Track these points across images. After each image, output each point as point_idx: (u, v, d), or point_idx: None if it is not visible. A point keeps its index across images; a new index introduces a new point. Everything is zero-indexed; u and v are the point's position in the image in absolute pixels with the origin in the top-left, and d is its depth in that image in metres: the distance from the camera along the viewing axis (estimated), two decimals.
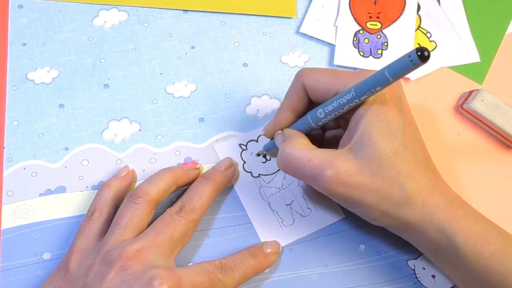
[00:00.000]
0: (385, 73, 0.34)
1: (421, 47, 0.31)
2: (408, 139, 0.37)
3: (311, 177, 0.38)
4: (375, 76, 0.35)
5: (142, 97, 0.48)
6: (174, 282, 0.35)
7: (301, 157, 0.38)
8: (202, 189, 0.42)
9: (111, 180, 0.43)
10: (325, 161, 0.37)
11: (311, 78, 0.40)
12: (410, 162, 0.37)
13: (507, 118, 0.47)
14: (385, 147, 0.36)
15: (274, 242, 0.43)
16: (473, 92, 0.48)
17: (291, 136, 0.40)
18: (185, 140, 0.47)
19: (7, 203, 0.43)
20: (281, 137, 0.42)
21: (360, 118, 0.37)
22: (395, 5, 0.53)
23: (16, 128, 0.46)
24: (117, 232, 0.39)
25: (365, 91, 0.36)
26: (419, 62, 0.31)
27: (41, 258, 0.42)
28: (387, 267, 0.43)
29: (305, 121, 0.41)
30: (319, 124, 0.40)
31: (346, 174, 0.36)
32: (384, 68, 0.34)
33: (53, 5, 0.51)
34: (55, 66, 0.49)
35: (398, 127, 0.37)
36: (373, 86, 0.35)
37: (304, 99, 0.41)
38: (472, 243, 0.36)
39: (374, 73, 0.35)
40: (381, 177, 0.36)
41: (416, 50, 0.31)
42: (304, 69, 0.41)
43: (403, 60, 0.32)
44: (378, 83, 0.35)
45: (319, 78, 0.40)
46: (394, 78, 0.34)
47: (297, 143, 0.39)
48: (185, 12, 0.52)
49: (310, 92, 0.40)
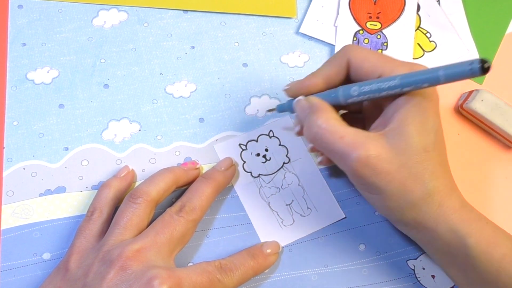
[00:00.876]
0: (439, 74, 0.33)
1: (485, 59, 0.30)
2: (438, 139, 0.38)
3: (340, 154, 0.37)
4: (427, 72, 0.34)
5: (142, 97, 0.48)
6: (174, 282, 0.35)
7: (334, 132, 0.37)
8: (202, 189, 0.42)
9: (111, 180, 0.43)
10: (358, 141, 0.36)
11: (359, 55, 0.39)
12: (436, 161, 0.37)
13: (507, 118, 0.47)
14: (419, 142, 0.36)
15: (273, 243, 0.43)
16: (473, 92, 0.48)
17: (321, 108, 0.39)
18: (185, 140, 0.47)
19: (7, 203, 0.43)
20: (304, 105, 0.40)
21: (400, 106, 0.37)
22: (395, 5, 0.53)
23: (16, 128, 0.46)
24: (117, 232, 0.39)
25: (412, 83, 0.35)
26: (479, 73, 0.31)
27: (41, 258, 0.42)
28: (387, 267, 0.43)
29: (335, 94, 0.39)
30: (347, 102, 0.39)
31: (376, 158, 0.36)
32: (439, 68, 0.34)
33: (53, 5, 0.51)
34: (55, 66, 0.49)
35: (433, 125, 0.37)
36: (422, 82, 0.35)
37: (343, 73, 0.40)
38: (484, 245, 0.36)
39: (426, 69, 0.35)
40: (408, 169, 0.36)
41: (480, 60, 0.31)
42: (352, 45, 0.40)
43: (463, 66, 0.32)
44: (428, 81, 0.34)
45: (367, 57, 0.39)
46: (447, 80, 0.33)
47: (330, 116, 0.38)
48: (185, 12, 0.52)
49: (354, 69, 0.39)
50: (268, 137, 0.47)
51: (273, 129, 0.47)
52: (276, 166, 0.46)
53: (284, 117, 0.48)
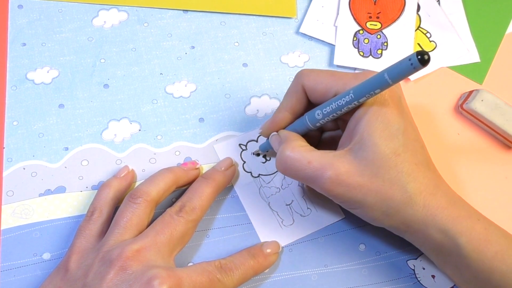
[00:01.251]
0: (385, 76, 0.34)
1: (422, 51, 0.31)
2: (408, 140, 0.37)
3: (312, 179, 0.38)
4: (375, 78, 0.35)
5: (142, 97, 0.48)
6: (173, 282, 0.35)
7: (300, 159, 0.38)
8: (202, 189, 0.42)
9: (111, 180, 0.43)
10: (325, 162, 0.37)
11: (310, 79, 0.40)
12: (411, 162, 0.37)
13: (507, 118, 0.47)
14: (385, 148, 0.36)
15: (273, 242, 0.43)
16: (473, 92, 0.48)
17: (289, 138, 0.40)
18: (185, 140, 0.47)
19: (7, 203, 0.43)
20: (276, 139, 0.42)
21: (359, 119, 0.37)
22: (395, 5, 0.53)
23: (16, 128, 0.46)
24: (116, 232, 0.39)
25: (364, 93, 0.36)
26: (419, 66, 0.31)
27: (41, 258, 0.42)
28: (387, 267, 0.43)
29: (302, 122, 0.41)
30: (316, 125, 0.40)
31: (346, 175, 0.36)
32: (384, 70, 0.34)
33: (53, 5, 0.51)
34: (55, 66, 0.49)
35: (398, 127, 0.37)
36: (373, 88, 0.35)
37: (303, 100, 0.41)
38: (475, 243, 0.36)
39: (373, 76, 0.35)
40: (382, 177, 0.36)
41: (416, 54, 0.31)
42: (304, 70, 0.41)
43: (403, 63, 0.32)
44: (378, 86, 0.35)
45: (318, 78, 0.40)
46: (394, 81, 0.34)
47: (296, 145, 0.39)
48: (185, 12, 0.52)
49: (309, 93, 0.40)
50: None
51: None
52: None
53: None
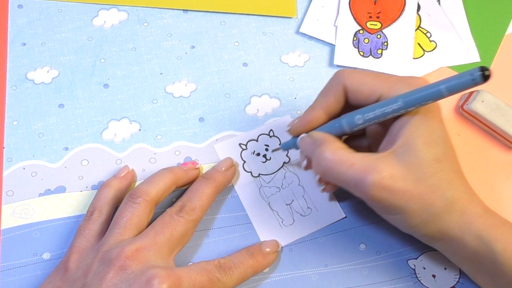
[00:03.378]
0: (442, 88, 0.33)
1: (484, 66, 0.31)
2: (448, 148, 0.37)
3: (354, 182, 0.36)
4: (429, 89, 0.34)
5: (142, 97, 0.48)
6: (173, 281, 0.35)
7: (343, 161, 0.37)
8: (202, 189, 0.42)
9: (111, 180, 0.43)
10: (368, 165, 0.36)
11: (354, 80, 0.39)
12: (450, 170, 0.37)
13: (508, 119, 0.47)
14: (429, 154, 0.36)
15: (273, 241, 0.43)
16: (473, 93, 0.48)
17: (326, 140, 0.38)
18: (185, 140, 0.47)
19: (7, 203, 0.43)
20: (308, 141, 0.40)
21: (404, 123, 0.37)
22: (395, 5, 0.53)
23: (16, 128, 0.46)
24: (116, 232, 0.39)
25: (416, 103, 0.35)
26: (481, 82, 0.31)
27: (41, 258, 0.42)
28: (387, 267, 0.43)
29: (339, 125, 0.39)
30: (353, 130, 0.39)
31: (390, 179, 0.35)
32: (441, 82, 0.33)
33: (53, 5, 0.51)
34: (55, 66, 0.49)
35: (440, 135, 0.37)
36: (426, 99, 0.34)
37: (341, 100, 0.40)
38: (511, 250, 0.36)
39: (427, 86, 0.34)
40: (424, 183, 0.36)
41: (479, 69, 0.31)
42: (346, 70, 0.40)
43: (464, 78, 0.32)
44: (431, 97, 0.34)
45: (362, 80, 0.39)
46: (450, 93, 0.33)
47: (336, 147, 0.38)
48: (185, 12, 0.52)
49: (351, 94, 0.39)
50: (268, 137, 0.47)
51: (273, 128, 0.47)
52: (276, 165, 0.46)
53: (284, 117, 0.48)
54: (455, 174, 0.37)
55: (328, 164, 0.37)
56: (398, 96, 0.36)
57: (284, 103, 0.49)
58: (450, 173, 0.37)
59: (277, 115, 0.48)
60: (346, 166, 0.36)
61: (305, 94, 0.49)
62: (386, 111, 0.36)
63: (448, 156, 0.37)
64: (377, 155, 0.37)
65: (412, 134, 0.36)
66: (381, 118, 0.37)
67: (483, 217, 0.37)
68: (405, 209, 0.36)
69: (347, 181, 0.37)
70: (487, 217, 0.37)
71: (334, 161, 0.37)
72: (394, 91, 0.37)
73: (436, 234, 0.38)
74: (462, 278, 0.43)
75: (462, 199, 0.37)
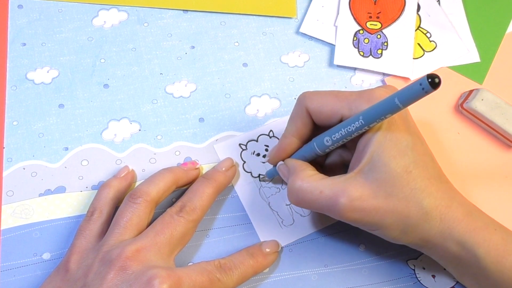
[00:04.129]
0: (395, 101, 0.33)
1: (432, 74, 0.31)
2: (418, 155, 0.37)
3: (326, 208, 0.37)
4: (385, 103, 0.34)
5: (142, 97, 0.48)
6: (173, 281, 0.35)
7: (312, 190, 0.37)
8: (202, 190, 0.42)
9: (111, 180, 0.43)
10: (337, 189, 0.36)
11: (314, 102, 0.39)
12: (423, 177, 0.36)
13: (507, 117, 0.47)
14: (396, 166, 0.36)
15: (273, 242, 0.43)
16: (473, 91, 0.48)
17: (297, 169, 0.39)
18: (185, 140, 0.47)
19: (7, 203, 0.43)
20: (284, 169, 0.41)
21: (368, 140, 0.37)
22: (395, 5, 0.53)
23: (16, 128, 0.46)
24: (116, 232, 0.39)
25: (375, 118, 0.35)
26: (430, 89, 0.31)
27: (41, 258, 0.42)
28: (387, 267, 0.43)
29: (311, 148, 0.40)
30: (325, 151, 0.39)
31: (360, 200, 0.36)
32: (394, 95, 0.34)
33: (53, 5, 0.51)
34: (55, 66, 0.49)
35: (407, 144, 0.37)
36: (383, 113, 0.35)
37: (309, 123, 0.40)
38: (493, 254, 0.36)
39: (382, 101, 0.35)
40: (396, 196, 0.36)
41: (427, 77, 0.31)
42: (306, 93, 0.40)
43: (414, 88, 0.32)
44: (388, 111, 0.34)
45: (322, 101, 0.39)
46: (404, 105, 0.33)
47: (305, 175, 0.38)
48: (185, 12, 0.52)
49: (315, 116, 0.40)
50: (268, 137, 0.47)
51: (273, 129, 0.47)
52: None
53: (284, 117, 0.48)
54: (429, 180, 0.37)
55: (299, 194, 0.38)
56: (359, 114, 0.36)
57: (284, 103, 0.49)
58: (423, 181, 0.36)
59: (277, 115, 0.48)
60: (316, 194, 0.37)
61: None
62: (350, 129, 0.37)
63: (419, 164, 0.37)
64: (345, 177, 0.37)
65: (377, 150, 0.36)
66: (348, 137, 0.37)
67: (464, 221, 0.36)
68: (382, 224, 0.37)
69: (319, 207, 0.38)
70: (468, 221, 0.37)
71: (304, 191, 0.38)
72: (354, 109, 0.37)
73: (419, 242, 0.38)
74: None
75: (439, 206, 0.36)
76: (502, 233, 0.37)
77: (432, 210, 0.36)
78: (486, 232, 0.36)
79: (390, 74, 0.50)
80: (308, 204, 0.38)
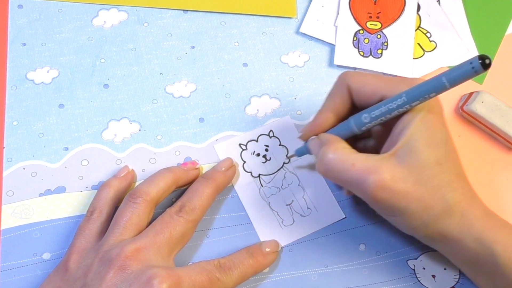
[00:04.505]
0: (443, 79, 0.33)
1: (483, 55, 0.30)
2: (450, 150, 0.37)
3: (355, 182, 0.37)
4: (431, 82, 0.34)
5: (142, 97, 0.48)
6: (173, 281, 0.35)
7: (344, 160, 0.37)
8: (202, 189, 0.42)
9: (111, 180, 0.43)
10: (370, 165, 0.36)
11: (357, 80, 0.39)
12: (451, 172, 0.37)
13: (508, 119, 0.47)
14: (430, 156, 0.36)
15: (272, 241, 0.43)
16: (473, 93, 0.48)
17: (331, 140, 0.39)
18: (185, 140, 0.47)
19: (7, 203, 0.43)
20: (316, 142, 0.40)
21: (406, 124, 0.37)
22: (395, 5, 0.53)
23: (16, 128, 0.46)
24: (116, 232, 0.39)
25: (419, 96, 0.35)
26: (481, 70, 0.31)
27: (41, 258, 0.42)
28: (387, 267, 0.43)
29: (347, 126, 0.40)
30: (362, 130, 0.39)
31: (391, 180, 0.36)
32: (442, 74, 0.33)
33: (53, 5, 0.51)
34: (55, 66, 0.49)
35: (442, 137, 0.37)
36: (428, 92, 0.34)
37: (348, 101, 0.40)
38: (511, 252, 0.36)
39: (429, 79, 0.35)
40: (425, 185, 0.36)
41: (478, 57, 0.31)
42: (349, 72, 0.40)
43: (464, 67, 0.32)
44: (434, 90, 0.34)
45: (365, 80, 0.39)
46: (452, 85, 0.33)
47: (339, 146, 0.38)
48: (185, 12, 0.52)
49: (355, 95, 0.40)
50: (268, 137, 0.47)
51: (273, 129, 0.47)
52: (276, 166, 0.46)
53: (284, 117, 0.48)
54: (456, 176, 0.37)
55: (330, 163, 0.37)
56: (402, 92, 0.36)
57: (284, 103, 0.49)
58: (451, 176, 0.37)
59: (277, 115, 0.48)
60: (348, 166, 0.37)
61: (305, 95, 0.49)
62: (391, 107, 0.37)
63: (449, 159, 0.37)
64: (379, 156, 0.37)
65: (413, 136, 0.36)
66: (387, 114, 0.37)
67: (483, 219, 0.37)
68: (406, 210, 0.36)
69: (348, 180, 0.37)
70: (487, 219, 0.37)
71: (336, 160, 0.37)
72: (396, 91, 0.37)
73: (436, 236, 0.38)
74: (462, 278, 0.43)
75: (462, 201, 0.37)
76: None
77: (455, 205, 0.36)
78: (504, 231, 0.37)
79: (390, 74, 0.50)
80: (338, 174, 0.37)
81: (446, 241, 0.38)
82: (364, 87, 0.39)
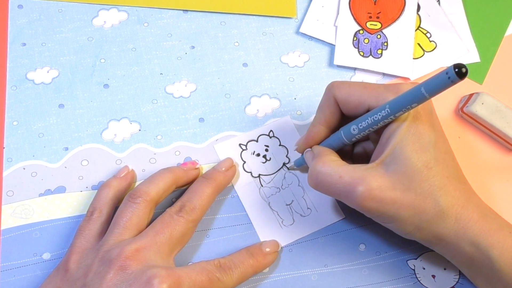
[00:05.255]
0: (422, 90, 0.33)
1: (459, 64, 0.31)
2: (439, 153, 0.37)
3: (344, 194, 0.37)
4: (411, 92, 0.34)
5: (142, 97, 0.48)
6: (173, 281, 0.35)
7: (332, 174, 0.37)
8: (202, 189, 0.42)
9: (111, 180, 0.43)
10: (357, 177, 0.36)
11: (342, 91, 0.40)
12: (442, 175, 0.36)
13: (508, 121, 0.46)
14: (417, 161, 0.36)
15: (272, 241, 0.43)
16: (473, 95, 0.48)
17: (320, 153, 0.40)
18: (185, 140, 0.47)
19: (7, 203, 0.43)
20: (310, 155, 0.41)
21: (392, 132, 0.37)
22: (395, 5, 0.53)
23: (16, 128, 0.46)
24: (116, 232, 0.39)
25: (401, 107, 0.35)
26: (457, 79, 0.31)
27: (41, 258, 0.42)
28: (387, 267, 0.43)
29: (338, 137, 0.40)
30: (352, 140, 0.40)
31: (378, 190, 0.36)
32: (421, 84, 0.34)
33: (53, 5, 0.51)
34: (55, 66, 0.49)
35: (430, 140, 0.37)
36: (409, 103, 0.35)
37: (337, 112, 0.41)
38: (507, 256, 0.36)
39: (409, 90, 0.35)
40: (414, 191, 0.36)
41: (453, 67, 0.31)
42: (335, 82, 0.40)
43: (440, 77, 0.32)
44: (414, 100, 0.34)
45: (350, 91, 0.39)
46: (431, 94, 0.33)
47: (327, 160, 0.38)
48: (185, 12, 0.52)
49: (342, 106, 0.40)
50: (268, 137, 0.47)
51: (273, 129, 0.47)
52: (276, 166, 0.46)
53: (284, 117, 0.48)
54: (448, 179, 0.37)
55: (318, 176, 0.38)
56: (385, 103, 0.36)
57: (284, 103, 0.49)
58: (443, 179, 0.36)
59: (277, 115, 0.48)
60: (335, 179, 0.37)
61: (305, 95, 0.49)
62: (376, 118, 0.37)
63: (440, 162, 0.37)
64: (366, 166, 0.37)
65: (399, 143, 0.36)
66: (374, 126, 0.38)
67: (479, 222, 0.37)
68: (397, 217, 0.37)
69: (337, 193, 0.38)
70: (484, 222, 0.37)
71: (323, 174, 0.38)
72: (381, 100, 0.38)
73: (433, 239, 0.38)
74: (462, 278, 0.43)
75: (455, 205, 0.37)
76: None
77: (448, 209, 0.36)
78: (501, 234, 0.36)
79: (390, 74, 0.50)
80: (326, 187, 0.38)
81: (442, 243, 0.38)
82: (350, 98, 0.39)
